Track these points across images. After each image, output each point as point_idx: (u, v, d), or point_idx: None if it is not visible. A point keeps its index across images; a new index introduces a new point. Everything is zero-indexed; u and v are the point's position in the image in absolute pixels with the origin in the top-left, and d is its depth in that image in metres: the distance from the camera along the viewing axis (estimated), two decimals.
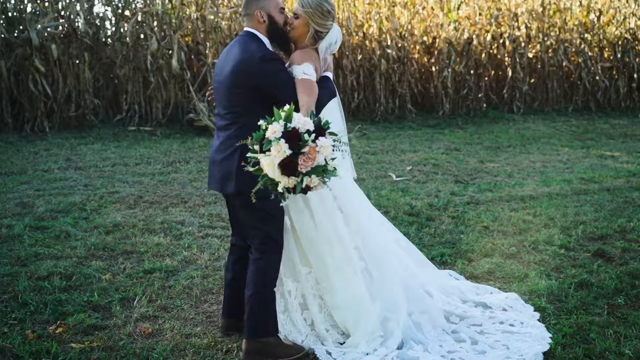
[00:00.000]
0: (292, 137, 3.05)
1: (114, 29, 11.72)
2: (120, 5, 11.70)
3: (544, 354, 3.75)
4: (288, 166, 3.04)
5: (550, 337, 3.94)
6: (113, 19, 11.75)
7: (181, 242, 5.57)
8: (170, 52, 11.43)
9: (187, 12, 12.05)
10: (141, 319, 4.13)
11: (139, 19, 11.59)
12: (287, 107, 3.18)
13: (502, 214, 6.70)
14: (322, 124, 3.17)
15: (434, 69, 14.08)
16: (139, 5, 11.85)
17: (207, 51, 11.90)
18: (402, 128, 12.60)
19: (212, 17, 11.93)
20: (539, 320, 4.23)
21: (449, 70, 13.74)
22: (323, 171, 3.11)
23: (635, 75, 15.74)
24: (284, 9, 3.77)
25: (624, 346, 3.88)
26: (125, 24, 11.57)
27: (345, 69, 13.12)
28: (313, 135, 3.07)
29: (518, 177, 8.56)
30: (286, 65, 3.72)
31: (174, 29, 11.57)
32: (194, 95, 11.19)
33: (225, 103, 3.68)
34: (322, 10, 3.69)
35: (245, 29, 3.75)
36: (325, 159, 3.09)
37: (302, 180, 3.07)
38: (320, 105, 3.60)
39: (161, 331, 3.98)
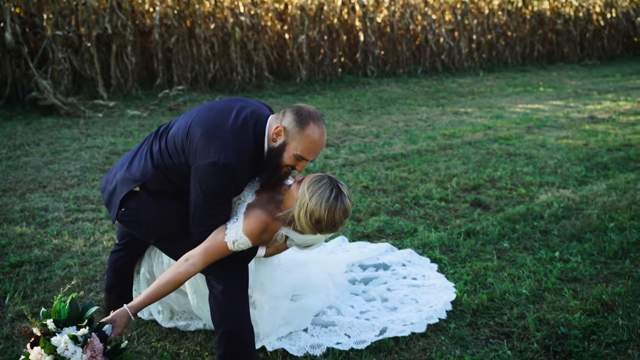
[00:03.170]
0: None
1: None
2: None
3: (452, 302, 3.79)
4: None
5: (454, 286, 3.99)
6: None
7: (48, 229, 5.00)
8: (1, 24, 10.28)
9: None
10: (18, 319, 3.63)
11: None
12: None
13: (378, 173, 6.76)
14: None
15: (287, 36, 13.95)
16: None
17: (44, 23, 10.84)
18: (262, 97, 12.37)
19: None
20: (438, 271, 4.29)
21: (303, 37, 13.67)
22: None
23: (474, 37, 16.66)
24: (303, 159, 2.95)
25: (520, 286, 4.03)
26: None
27: (198, 39, 12.60)
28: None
29: (385, 137, 8.71)
30: (241, 205, 3.06)
31: None
32: (34, 72, 10.17)
33: (170, 137, 3.10)
34: (311, 213, 2.82)
35: (267, 118, 3.01)
36: None
37: None
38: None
39: None
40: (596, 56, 19.30)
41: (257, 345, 3.26)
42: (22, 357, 2.68)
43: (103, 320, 2.77)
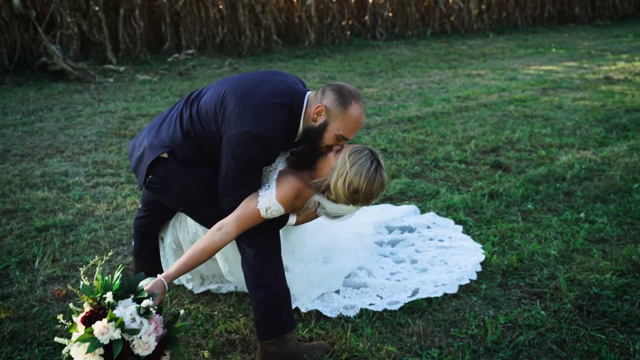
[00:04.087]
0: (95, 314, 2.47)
1: None
2: None
3: (481, 263, 3.78)
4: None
5: (482, 248, 3.99)
6: None
7: (70, 194, 4.99)
8: None
9: None
10: (49, 282, 3.65)
11: None
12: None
13: (395, 135, 6.71)
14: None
15: None
16: None
17: None
18: (271, 60, 12.26)
19: None
20: (463, 232, 4.28)
21: None
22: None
23: None
24: (344, 138, 2.89)
25: (548, 247, 4.02)
26: None
27: (206, 2, 12.43)
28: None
29: (399, 99, 8.64)
30: (273, 172, 3.02)
31: None
32: (43, 37, 10.07)
33: (202, 104, 3.03)
34: (350, 182, 2.76)
35: (305, 94, 2.94)
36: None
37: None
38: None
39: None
40: (607, 16, 19.01)
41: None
42: (77, 334, 2.46)
43: None
